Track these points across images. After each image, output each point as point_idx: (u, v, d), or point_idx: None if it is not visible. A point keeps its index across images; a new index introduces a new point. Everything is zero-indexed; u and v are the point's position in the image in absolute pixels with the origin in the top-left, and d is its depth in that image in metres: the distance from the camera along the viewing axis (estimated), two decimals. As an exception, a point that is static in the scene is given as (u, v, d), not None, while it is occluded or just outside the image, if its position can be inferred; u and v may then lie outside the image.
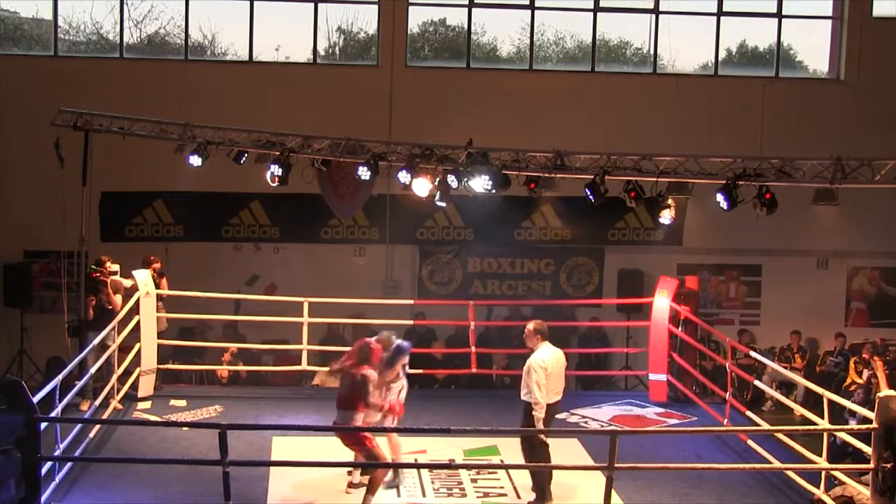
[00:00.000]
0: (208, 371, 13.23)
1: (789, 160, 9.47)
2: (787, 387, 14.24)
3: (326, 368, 12.77)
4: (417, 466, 9.34)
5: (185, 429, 10.06)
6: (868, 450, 7.89)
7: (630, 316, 14.91)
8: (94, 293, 11.24)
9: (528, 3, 15.92)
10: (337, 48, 16.39)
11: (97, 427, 9.98)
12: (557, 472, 8.95)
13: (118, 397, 10.97)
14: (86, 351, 10.36)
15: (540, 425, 8.67)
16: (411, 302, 14.53)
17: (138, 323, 11.42)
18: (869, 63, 16.11)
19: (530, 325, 9.04)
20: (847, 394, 13.01)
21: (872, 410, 7.97)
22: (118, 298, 11.23)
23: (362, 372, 8.41)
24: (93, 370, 10.16)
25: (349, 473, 8.98)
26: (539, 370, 8.70)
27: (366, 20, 16.03)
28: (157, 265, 11.96)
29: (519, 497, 8.89)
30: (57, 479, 8.46)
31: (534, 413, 8.65)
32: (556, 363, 8.87)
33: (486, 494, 8.99)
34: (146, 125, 12.16)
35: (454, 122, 13.77)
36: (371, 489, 8.35)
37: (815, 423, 9.29)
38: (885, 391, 8.02)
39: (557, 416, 11.34)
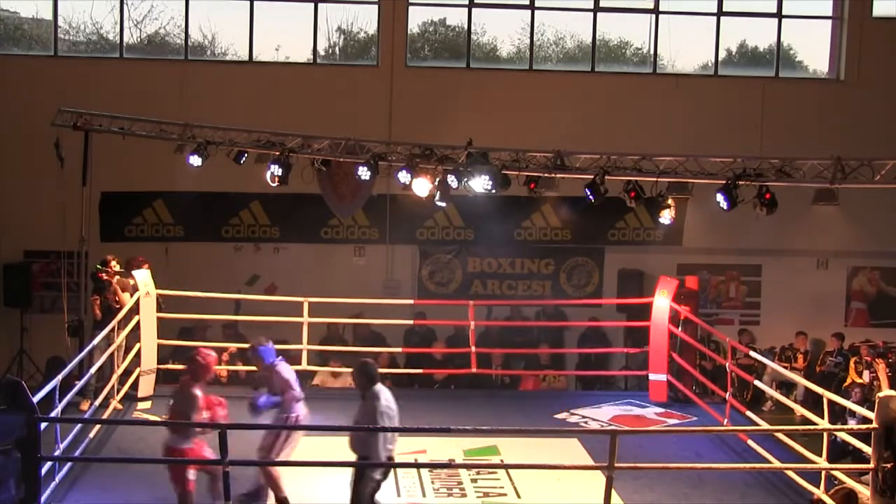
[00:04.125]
0: (208, 371, 13.20)
1: (789, 160, 9.47)
2: (787, 387, 14.23)
3: (327, 369, 12.83)
4: (417, 466, 9.33)
5: (184, 429, 10.03)
6: (868, 450, 7.89)
7: (630, 316, 14.89)
8: (100, 293, 11.22)
9: (528, 3, 15.89)
10: (337, 48, 16.38)
11: (97, 427, 9.98)
12: (557, 472, 8.96)
13: (118, 397, 10.97)
14: (87, 349, 10.36)
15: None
16: (411, 302, 14.53)
17: (138, 323, 11.42)
18: (869, 63, 16.09)
19: (364, 367, 7.77)
20: (847, 394, 13.00)
21: (871, 410, 7.98)
22: (126, 296, 11.21)
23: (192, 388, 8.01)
24: (93, 369, 10.16)
25: None
26: (388, 416, 7.60)
27: (366, 20, 16.03)
28: (145, 267, 11.78)
29: (519, 497, 8.88)
30: (57, 479, 8.46)
31: (376, 477, 7.63)
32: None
33: (486, 494, 8.98)
34: (146, 125, 12.17)
35: (454, 122, 13.76)
36: None
37: (815, 423, 9.30)
38: (885, 391, 8.02)
39: (557, 416, 11.43)
